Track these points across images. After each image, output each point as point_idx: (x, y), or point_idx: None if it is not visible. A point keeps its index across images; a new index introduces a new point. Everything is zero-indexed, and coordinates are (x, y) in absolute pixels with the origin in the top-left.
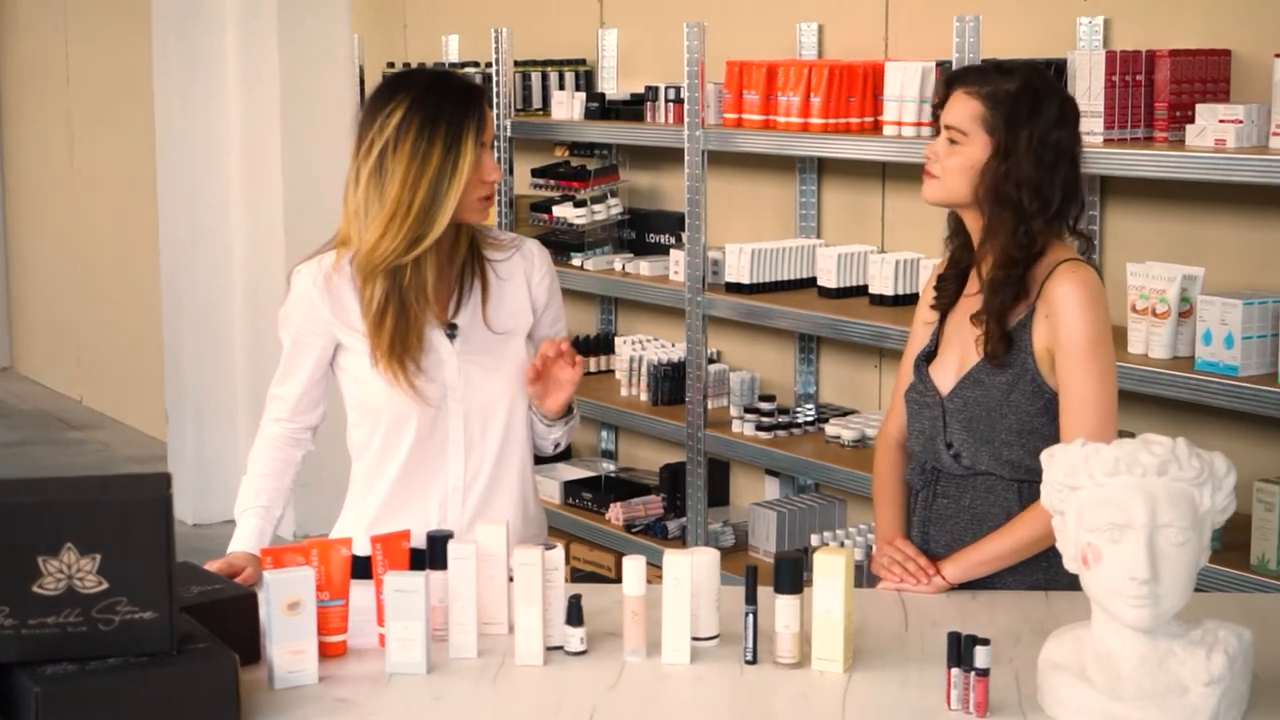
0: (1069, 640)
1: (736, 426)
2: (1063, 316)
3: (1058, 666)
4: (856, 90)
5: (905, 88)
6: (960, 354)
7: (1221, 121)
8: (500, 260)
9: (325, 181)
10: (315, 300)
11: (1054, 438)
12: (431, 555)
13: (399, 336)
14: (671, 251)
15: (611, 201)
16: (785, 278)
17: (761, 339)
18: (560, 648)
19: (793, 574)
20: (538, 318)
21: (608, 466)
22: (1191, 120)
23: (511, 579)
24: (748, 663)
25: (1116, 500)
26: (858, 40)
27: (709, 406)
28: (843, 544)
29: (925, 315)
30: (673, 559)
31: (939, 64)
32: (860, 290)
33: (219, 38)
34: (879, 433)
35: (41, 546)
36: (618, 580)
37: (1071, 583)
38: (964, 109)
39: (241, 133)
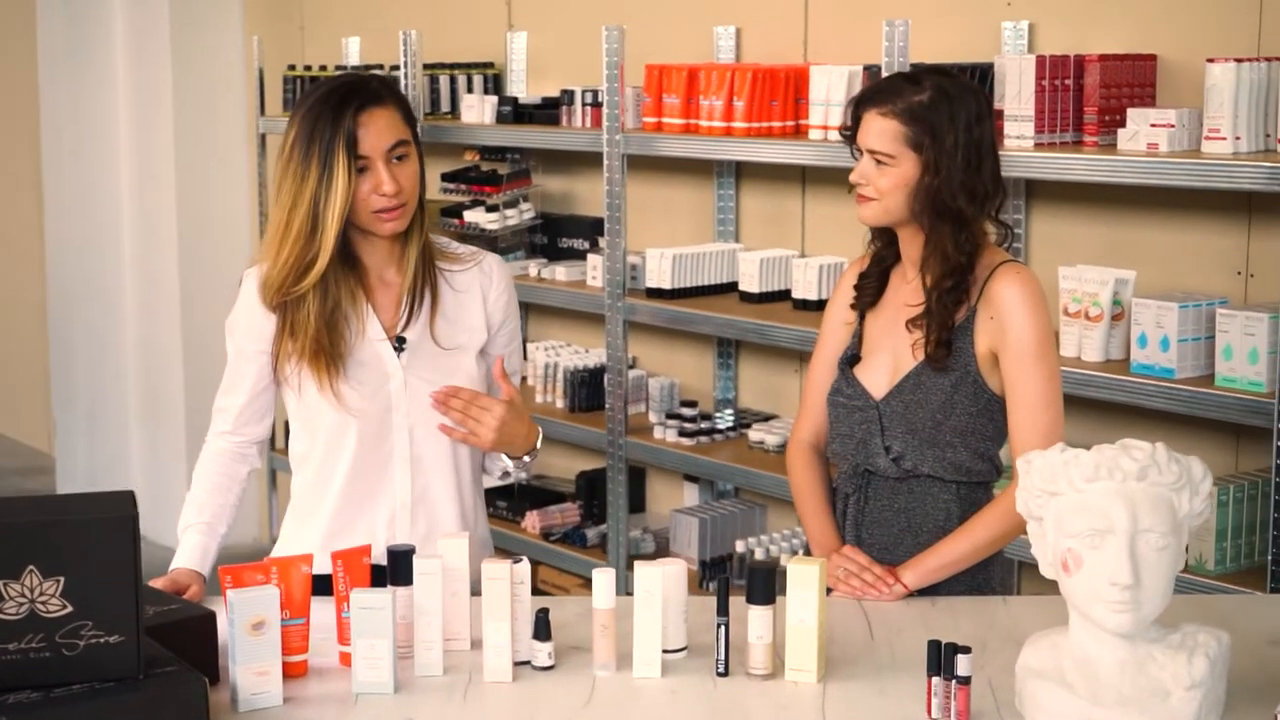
0: (1045, 646)
1: (659, 433)
2: (1010, 318)
3: (1036, 673)
4: (779, 94)
5: (831, 91)
6: (892, 357)
7: (1153, 126)
8: (456, 272)
9: (219, 183)
10: (259, 306)
11: (994, 439)
12: (393, 570)
13: (292, 335)
14: (589, 256)
15: (524, 206)
16: (706, 282)
17: (678, 344)
18: (526, 663)
19: (766, 585)
20: (492, 335)
21: (521, 474)
22: (1119, 125)
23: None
24: (719, 675)
25: (1097, 506)
26: (776, 44)
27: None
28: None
29: (843, 315)
30: (644, 571)
31: (866, 68)
32: (782, 295)
33: (107, 35)
34: (791, 438)
35: (2, 570)
36: (537, 592)
37: (1006, 585)
38: (883, 131)
39: (131, 133)
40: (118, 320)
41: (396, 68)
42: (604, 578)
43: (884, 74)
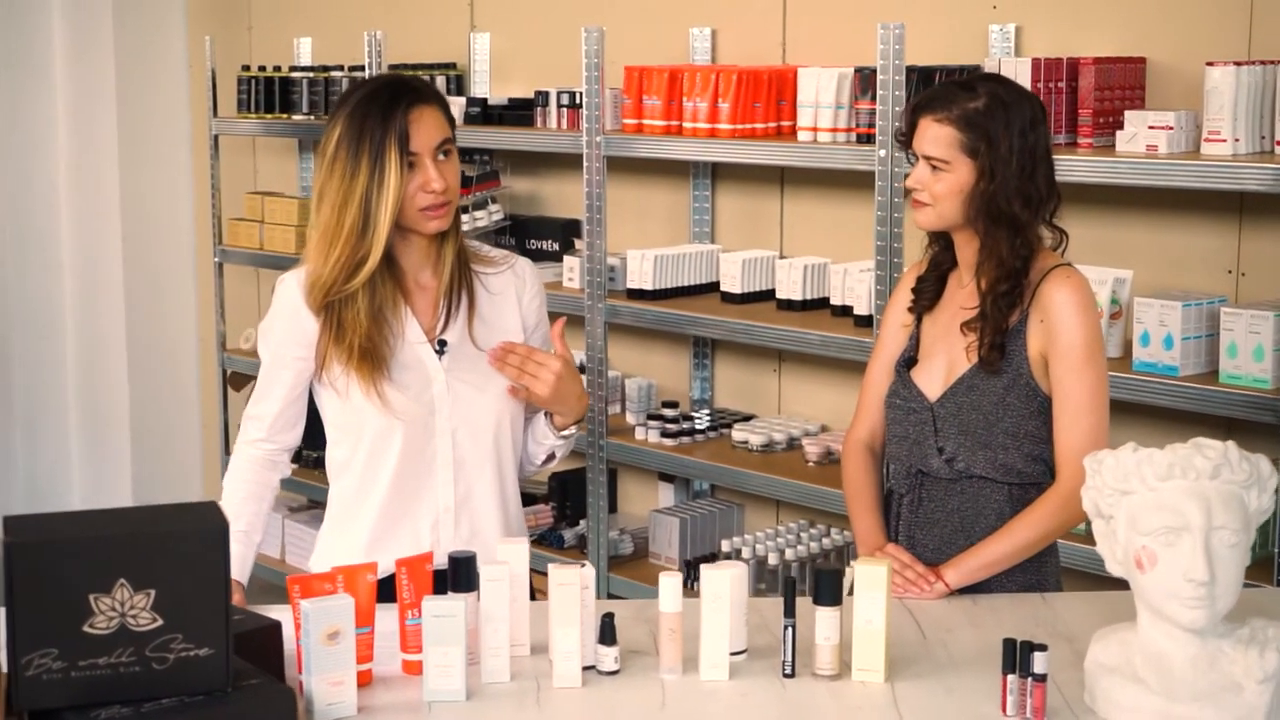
0: (1114, 643)
1: (640, 433)
2: (1060, 321)
3: (1108, 669)
4: (761, 96)
5: (820, 93)
6: (947, 359)
7: (1151, 128)
8: (490, 274)
9: (165, 186)
10: (300, 310)
11: (1047, 441)
12: (454, 577)
13: (336, 340)
14: (565, 258)
15: (493, 208)
16: (687, 283)
17: (652, 344)
18: (591, 667)
19: (833, 586)
20: (527, 338)
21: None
22: (1113, 126)
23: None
24: (786, 676)
25: (1172, 504)
26: (753, 46)
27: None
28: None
29: (902, 318)
30: (711, 574)
31: (857, 70)
32: (764, 295)
33: (45, 36)
34: (846, 439)
35: (93, 584)
36: None
37: (1059, 583)
38: (938, 137)
39: (72, 136)
40: (57, 328)
41: (356, 68)
42: (671, 582)
43: (879, 76)
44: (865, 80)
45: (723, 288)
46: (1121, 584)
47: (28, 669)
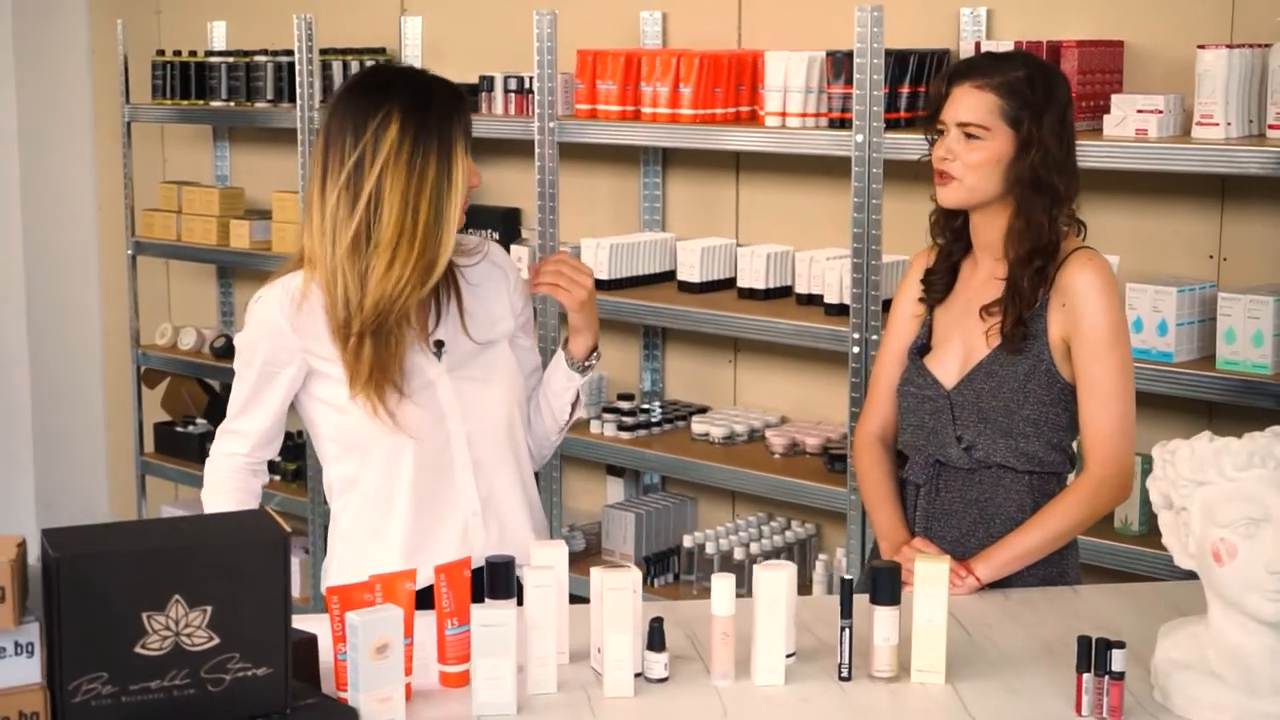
0: (1184, 638)
1: (595, 427)
2: (1084, 305)
3: (1180, 665)
4: (721, 80)
5: (790, 77)
6: (964, 347)
7: (1140, 111)
8: (469, 266)
9: (67, 176)
10: (284, 328)
11: (1068, 429)
12: (491, 583)
13: (378, 365)
14: (514, 248)
15: None
16: (642, 272)
17: (602, 335)
18: (639, 675)
19: (892, 585)
20: (518, 324)
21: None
22: (1096, 110)
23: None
24: (842, 679)
25: (1252, 494)
26: (707, 29)
27: None
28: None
29: (912, 309)
30: (765, 576)
31: (830, 54)
32: (723, 284)
33: None
34: (858, 430)
35: (147, 600)
36: None
37: (1079, 576)
38: (978, 104)
39: None
40: None
41: (281, 53)
42: (724, 584)
43: (856, 60)
44: (838, 64)
45: (680, 276)
46: (1137, 575)
47: (74, 695)
